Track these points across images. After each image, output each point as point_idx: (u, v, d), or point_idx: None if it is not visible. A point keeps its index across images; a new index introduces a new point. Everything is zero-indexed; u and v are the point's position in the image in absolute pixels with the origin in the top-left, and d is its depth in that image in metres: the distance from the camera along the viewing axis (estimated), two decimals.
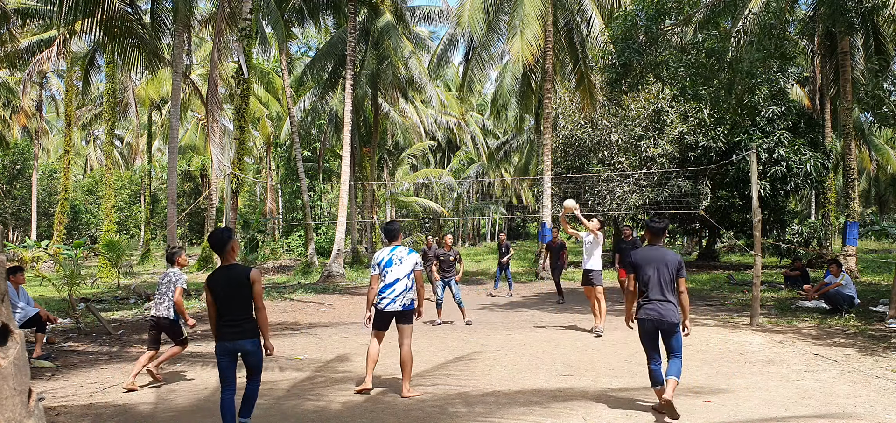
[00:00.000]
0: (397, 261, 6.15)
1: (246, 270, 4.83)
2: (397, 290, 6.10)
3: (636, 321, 5.52)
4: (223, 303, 4.76)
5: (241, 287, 4.75)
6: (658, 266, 5.39)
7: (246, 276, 4.77)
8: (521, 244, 49.42)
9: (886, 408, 5.63)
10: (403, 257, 6.18)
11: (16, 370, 2.22)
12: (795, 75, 20.88)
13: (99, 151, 51.89)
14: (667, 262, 5.40)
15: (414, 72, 24.65)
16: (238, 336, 4.74)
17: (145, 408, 6.00)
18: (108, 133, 26.70)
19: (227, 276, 4.79)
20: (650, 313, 5.35)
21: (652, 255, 5.47)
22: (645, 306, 5.40)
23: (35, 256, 23.80)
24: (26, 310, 8.67)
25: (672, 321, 5.33)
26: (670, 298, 5.36)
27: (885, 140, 38.22)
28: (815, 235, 21.75)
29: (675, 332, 5.36)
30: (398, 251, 6.21)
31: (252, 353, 4.80)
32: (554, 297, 14.99)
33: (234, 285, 4.76)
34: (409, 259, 6.18)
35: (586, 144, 21.97)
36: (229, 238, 4.88)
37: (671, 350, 5.39)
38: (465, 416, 5.55)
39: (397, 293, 6.09)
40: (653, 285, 5.37)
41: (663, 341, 5.42)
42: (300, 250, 33.25)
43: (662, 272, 5.37)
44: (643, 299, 5.44)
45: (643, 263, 5.46)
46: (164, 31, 17.69)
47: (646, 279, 5.41)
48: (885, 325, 9.99)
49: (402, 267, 6.13)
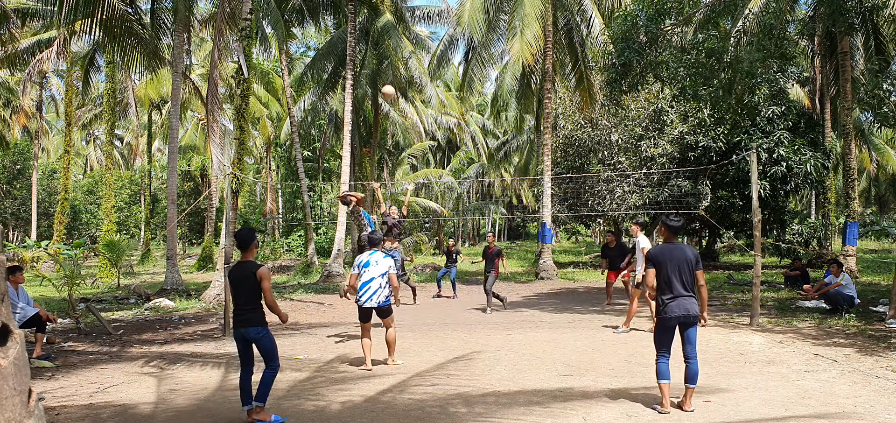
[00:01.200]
0: (374, 263, 7.20)
1: (255, 267, 5.32)
2: (372, 288, 7.16)
3: (659, 317, 5.60)
4: (235, 294, 5.37)
5: (249, 281, 5.28)
6: (679, 263, 5.53)
7: (253, 272, 5.29)
8: (520, 244, 49.42)
9: (886, 408, 5.63)
10: (379, 260, 7.21)
11: (16, 370, 2.22)
12: (795, 75, 20.86)
13: (99, 151, 51.86)
14: (686, 258, 5.56)
15: (414, 72, 24.63)
16: (244, 324, 5.30)
17: (146, 408, 6.00)
18: (108, 133, 26.69)
19: (241, 270, 5.37)
20: (677, 309, 5.47)
21: (672, 252, 5.58)
22: (670, 302, 5.49)
23: (35, 256, 23.80)
24: (26, 310, 8.67)
25: (696, 314, 5.53)
26: (692, 292, 5.55)
27: (885, 140, 38.20)
28: (815, 235, 21.74)
29: (696, 324, 5.57)
30: (376, 255, 7.24)
31: (256, 339, 5.31)
32: (554, 297, 15.00)
33: (243, 279, 5.31)
34: (385, 263, 7.21)
35: (586, 144, 21.96)
36: (253, 239, 5.52)
37: (688, 342, 5.55)
38: (466, 416, 5.54)
39: (372, 292, 7.16)
40: (676, 281, 5.49)
41: (683, 333, 5.56)
42: (300, 250, 33.25)
43: (683, 268, 5.51)
44: (668, 295, 5.51)
45: (664, 260, 5.55)
46: (164, 31, 17.70)
47: (668, 276, 5.51)
48: (885, 325, 9.99)
49: (377, 268, 7.17)
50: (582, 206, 22.09)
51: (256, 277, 5.26)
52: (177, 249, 18.46)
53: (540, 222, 22.15)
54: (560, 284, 19.31)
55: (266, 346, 5.32)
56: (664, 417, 5.44)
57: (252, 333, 5.29)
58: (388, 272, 7.18)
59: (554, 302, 14.35)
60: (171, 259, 16.96)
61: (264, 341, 5.31)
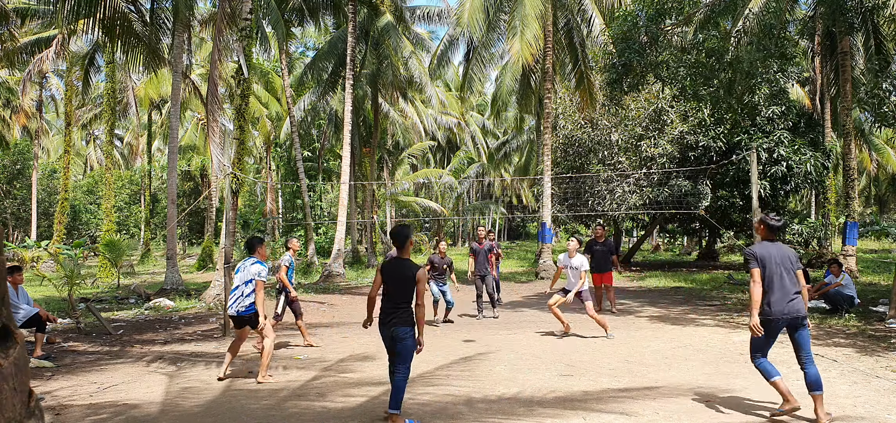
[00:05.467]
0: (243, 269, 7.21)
1: (415, 267, 5.46)
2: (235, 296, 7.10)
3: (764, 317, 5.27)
4: (387, 290, 5.51)
5: (407, 280, 5.41)
6: (783, 261, 5.32)
7: (413, 273, 5.44)
8: (520, 244, 49.44)
9: (886, 408, 5.63)
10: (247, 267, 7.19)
11: (16, 370, 2.22)
12: (795, 75, 20.86)
13: (99, 151, 51.86)
14: (789, 256, 5.39)
15: (414, 72, 24.63)
16: (394, 323, 5.36)
17: (146, 408, 5.99)
18: (107, 133, 26.68)
19: (398, 268, 5.48)
20: (788, 309, 5.22)
21: (775, 251, 5.37)
22: (779, 301, 5.23)
23: (35, 256, 23.80)
24: (26, 310, 8.66)
25: (804, 314, 5.30)
26: (799, 290, 5.32)
27: (885, 140, 38.19)
28: (815, 235, 21.74)
29: (805, 325, 5.32)
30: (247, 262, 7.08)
31: (402, 339, 5.34)
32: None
33: (400, 277, 5.43)
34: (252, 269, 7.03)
35: (586, 144, 21.96)
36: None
37: (801, 347, 5.30)
38: (467, 416, 5.55)
39: (234, 299, 7.07)
40: (782, 280, 5.26)
41: (792, 336, 5.33)
42: (300, 249, 33.22)
43: (787, 266, 5.31)
44: (775, 294, 5.25)
45: (769, 258, 5.32)
46: (164, 31, 17.68)
47: (772, 274, 5.27)
48: (885, 325, 9.99)
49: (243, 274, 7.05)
50: (582, 206, 22.07)
51: (415, 278, 5.35)
52: (177, 249, 18.46)
53: (540, 222, 22.14)
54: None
55: (408, 347, 5.35)
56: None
57: (401, 332, 5.33)
58: (254, 280, 6.94)
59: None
60: (171, 259, 16.96)
61: (408, 343, 5.35)
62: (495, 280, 12.28)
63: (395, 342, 5.37)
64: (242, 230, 29.43)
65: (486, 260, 11.74)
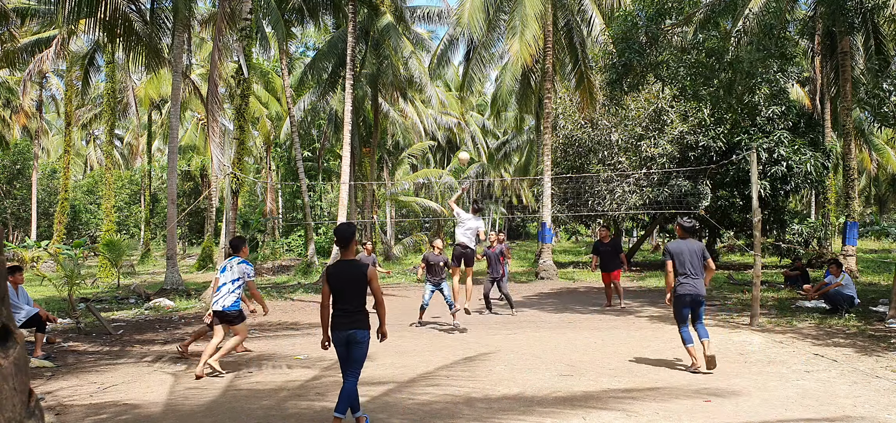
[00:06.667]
0: (229, 268, 7.53)
1: (364, 266, 5.28)
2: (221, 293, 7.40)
3: (675, 296, 7.09)
4: (338, 295, 5.26)
5: (358, 281, 5.22)
6: (690, 254, 7.07)
7: (363, 271, 5.28)
8: (520, 244, 49.43)
9: (886, 408, 5.63)
10: (234, 267, 7.52)
11: (16, 370, 2.22)
12: (795, 75, 20.84)
13: (99, 151, 51.82)
14: (695, 249, 7.15)
15: (414, 72, 24.62)
16: (350, 326, 5.12)
17: (147, 408, 5.99)
18: (107, 133, 26.68)
19: (348, 269, 5.23)
20: (690, 289, 7.01)
21: (686, 246, 7.15)
22: (684, 283, 7.03)
23: (35, 256, 23.79)
24: (26, 310, 8.66)
25: (703, 295, 7.08)
26: (701, 276, 7.06)
27: (885, 140, 38.16)
28: (815, 235, 21.73)
29: (704, 302, 7.14)
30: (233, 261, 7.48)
31: (360, 343, 5.13)
32: (554, 297, 14.98)
33: (351, 279, 5.22)
34: (238, 269, 7.47)
35: (586, 144, 21.95)
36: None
37: (697, 318, 7.13)
38: (467, 416, 5.55)
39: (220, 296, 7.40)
40: (689, 268, 7.02)
41: (693, 311, 7.10)
42: (300, 250, 33.23)
43: (693, 260, 7.04)
44: (682, 278, 7.05)
45: (679, 252, 7.13)
46: (164, 30, 17.68)
47: (682, 263, 7.05)
48: (885, 325, 9.99)
49: (229, 273, 7.44)
50: (582, 206, 22.07)
51: (367, 277, 5.14)
52: (177, 249, 18.46)
53: (540, 222, 22.14)
54: (560, 284, 19.31)
55: (363, 353, 5.16)
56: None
57: (359, 335, 5.09)
58: (241, 279, 7.33)
59: (554, 302, 14.34)
60: (171, 259, 16.96)
61: (364, 349, 5.15)
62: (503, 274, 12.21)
63: (351, 347, 5.10)
64: (242, 230, 29.41)
65: (498, 263, 11.95)
